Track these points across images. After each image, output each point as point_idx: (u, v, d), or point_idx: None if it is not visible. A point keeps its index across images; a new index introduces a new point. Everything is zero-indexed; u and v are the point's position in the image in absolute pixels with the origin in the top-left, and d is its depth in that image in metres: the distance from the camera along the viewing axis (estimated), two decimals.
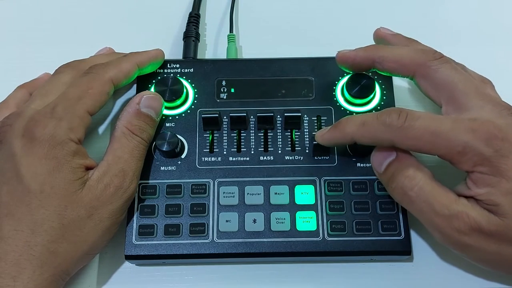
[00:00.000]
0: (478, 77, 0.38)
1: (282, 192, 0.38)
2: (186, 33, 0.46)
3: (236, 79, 0.42)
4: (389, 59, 0.37)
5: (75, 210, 0.33)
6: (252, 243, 0.37)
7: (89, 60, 0.40)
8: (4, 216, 0.33)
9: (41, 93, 0.37)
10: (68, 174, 0.34)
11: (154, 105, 0.38)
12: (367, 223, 0.37)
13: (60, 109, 0.35)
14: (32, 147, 0.34)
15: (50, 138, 0.34)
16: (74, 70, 0.39)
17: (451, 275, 0.38)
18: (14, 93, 0.41)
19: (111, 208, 0.35)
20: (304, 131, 0.40)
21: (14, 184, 0.33)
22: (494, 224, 0.31)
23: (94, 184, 0.34)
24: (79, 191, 0.34)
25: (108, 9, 0.50)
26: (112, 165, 0.35)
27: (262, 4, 0.50)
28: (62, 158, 0.34)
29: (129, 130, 0.37)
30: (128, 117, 0.37)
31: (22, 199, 0.33)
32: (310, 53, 0.43)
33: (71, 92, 0.36)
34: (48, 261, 0.32)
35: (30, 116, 0.35)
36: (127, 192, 0.36)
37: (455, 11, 0.50)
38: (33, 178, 0.33)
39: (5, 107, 0.39)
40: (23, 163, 0.33)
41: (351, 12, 0.50)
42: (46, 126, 0.34)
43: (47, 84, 0.38)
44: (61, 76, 0.38)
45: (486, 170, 0.31)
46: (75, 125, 0.35)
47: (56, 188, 0.33)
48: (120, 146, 0.36)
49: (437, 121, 0.32)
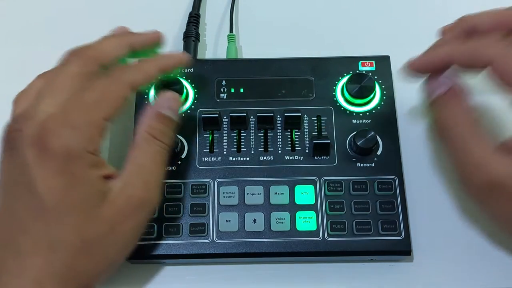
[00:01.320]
0: None
1: (282, 192, 0.38)
2: (186, 33, 0.46)
3: (236, 79, 0.42)
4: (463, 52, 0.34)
5: (95, 226, 0.31)
6: (252, 243, 0.37)
7: (96, 46, 0.36)
8: (20, 232, 0.30)
9: (50, 89, 0.33)
10: (86, 189, 0.31)
11: (174, 106, 0.36)
12: (367, 223, 0.37)
13: (75, 116, 0.32)
14: (46, 159, 0.30)
15: (65, 151, 0.31)
16: (81, 59, 0.35)
17: (451, 275, 0.38)
18: (35, 82, 0.37)
19: (133, 223, 0.33)
20: (304, 131, 0.40)
21: (29, 199, 0.31)
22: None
23: (116, 196, 0.32)
24: (99, 205, 0.31)
25: (108, 9, 0.50)
26: (135, 175, 0.33)
27: (262, 4, 0.50)
28: (79, 172, 0.31)
29: (150, 134, 0.34)
30: (148, 120, 0.35)
31: (39, 215, 0.30)
32: (310, 53, 0.43)
33: (86, 96, 0.33)
34: (69, 277, 0.31)
35: (41, 121, 0.31)
36: (151, 205, 0.34)
37: (453, 11, 0.50)
38: (48, 193, 0.30)
39: (25, 97, 0.36)
40: (38, 176, 0.30)
41: (351, 12, 0.50)
42: (60, 136, 0.31)
43: (54, 77, 0.34)
44: (69, 68, 0.34)
45: None
46: (91, 134, 0.32)
47: (73, 204, 0.31)
48: (141, 153, 0.34)
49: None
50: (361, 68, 0.41)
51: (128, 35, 0.38)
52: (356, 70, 0.41)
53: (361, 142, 0.38)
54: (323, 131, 0.40)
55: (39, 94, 0.33)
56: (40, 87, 0.34)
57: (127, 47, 0.37)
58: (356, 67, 0.41)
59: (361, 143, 0.38)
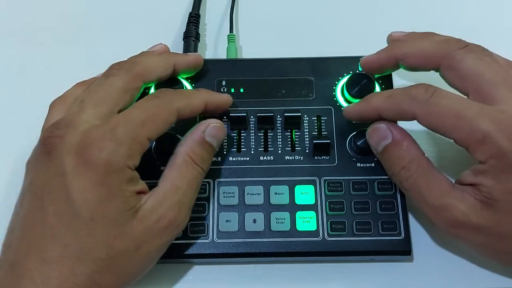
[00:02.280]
0: (506, 63, 0.35)
1: (282, 192, 0.38)
2: (186, 33, 0.46)
3: (236, 79, 0.42)
4: (412, 54, 0.36)
5: (124, 242, 0.31)
6: (252, 243, 0.36)
7: (142, 63, 0.36)
8: (49, 238, 0.30)
9: (93, 100, 0.33)
10: (120, 204, 0.31)
11: (219, 135, 0.36)
12: (367, 223, 0.37)
13: (121, 132, 0.32)
14: (85, 169, 0.31)
15: (106, 164, 0.31)
16: (127, 74, 0.35)
17: (451, 275, 0.38)
18: (73, 90, 0.38)
19: (160, 242, 0.33)
20: (304, 131, 0.40)
21: (62, 206, 0.30)
22: (484, 218, 0.31)
23: (147, 214, 0.32)
24: (130, 221, 0.31)
25: (108, 9, 0.50)
26: (169, 195, 0.33)
27: (262, 4, 0.50)
28: (116, 186, 0.31)
29: (191, 158, 0.34)
30: (192, 144, 0.35)
31: (71, 225, 0.30)
32: (310, 53, 0.43)
33: (135, 115, 0.33)
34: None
35: (84, 131, 0.31)
36: (179, 227, 0.34)
37: (454, 11, 0.50)
38: (84, 204, 0.30)
39: (63, 103, 0.36)
40: (74, 185, 0.30)
41: (351, 12, 0.50)
42: (103, 149, 0.31)
43: (98, 89, 0.34)
44: (114, 81, 0.34)
45: (499, 165, 0.31)
46: (133, 151, 0.32)
47: (107, 217, 0.31)
48: (180, 175, 0.34)
49: (463, 104, 0.32)
50: (361, 68, 0.41)
51: (172, 55, 0.39)
52: (356, 70, 0.41)
53: (361, 142, 0.38)
54: (323, 131, 0.40)
55: (81, 103, 0.33)
56: (82, 96, 0.34)
57: (170, 68, 0.38)
58: (356, 67, 0.41)
59: (361, 143, 0.38)
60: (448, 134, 0.32)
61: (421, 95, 0.33)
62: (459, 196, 0.32)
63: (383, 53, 0.38)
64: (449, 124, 0.32)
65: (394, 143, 0.35)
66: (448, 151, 0.41)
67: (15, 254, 0.31)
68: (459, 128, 0.32)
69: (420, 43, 0.36)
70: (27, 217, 0.31)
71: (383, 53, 0.38)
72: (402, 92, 0.34)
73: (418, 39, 0.37)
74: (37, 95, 0.45)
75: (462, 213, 0.32)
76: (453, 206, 0.32)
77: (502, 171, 0.31)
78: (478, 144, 0.31)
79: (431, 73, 0.37)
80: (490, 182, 0.31)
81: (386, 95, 0.35)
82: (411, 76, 0.41)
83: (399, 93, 0.34)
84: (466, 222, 0.32)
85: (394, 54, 0.37)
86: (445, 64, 0.35)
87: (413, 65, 0.37)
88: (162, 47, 0.40)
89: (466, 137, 0.32)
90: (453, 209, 0.32)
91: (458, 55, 0.34)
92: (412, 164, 0.34)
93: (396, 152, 0.34)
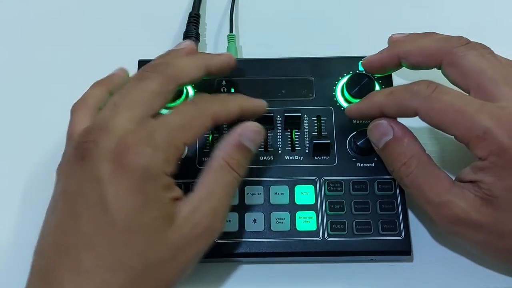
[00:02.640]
0: (507, 62, 0.35)
1: (282, 192, 0.38)
2: (186, 33, 0.46)
3: (236, 79, 0.42)
4: (414, 52, 0.36)
5: (159, 251, 0.30)
6: (252, 243, 0.36)
7: (175, 65, 0.35)
8: (83, 247, 0.29)
9: (127, 103, 0.32)
10: (157, 211, 0.30)
11: (257, 139, 0.35)
12: (367, 223, 0.37)
13: (159, 137, 0.31)
14: (121, 175, 0.30)
15: (144, 170, 0.30)
16: (161, 77, 0.34)
17: (451, 275, 0.38)
18: (92, 91, 0.37)
19: (195, 251, 0.32)
20: (304, 131, 0.40)
21: (97, 213, 0.29)
22: (484, 215, 0.31)
23: (183, 222, 0.31)
24: (166, 229, 0.30)
25: (108, 9, 0.50)
26: (204, 201, 0.32)
27: (262, 4, 0.50)
28: (153, 193, 0.30)
29: (228, 163, 0.33)
30: (229, 149, 0.34)
31: (106, 233, 0.29)
32: (310, 53, 0.43)
33: (173, 120, 0.32)
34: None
35: (120, 136, 0.30)
36: (214, 234, 0.33)
37: (454, 11, 0.50)
38: (120, 211, 0.29)
39: (84, 105, 0.36)
40: (110, 192, 0.29)
41: (352, 12, 0.50)
42: (140, 154, 0.30)
43: (132, 92, 0.33)
44: (148, 84, 0.33)
45: (500, 161, 0.31)
46: (171, 156, 0.31)
47: (143, 225, 0.30)
48: (215, 180, 0.33)
49: (464, 100, 0.32)
50: (361, 68, 0.41)
51: (204, 56, 0.38)
52: (356, 70, 0.41)
53: (361, 142, 0.38)
54: (323, 131, 0.40)
55: (114, 106, 0.32)
56: (115, 99, 0.33)
57: (204, 70, 0.36)
58: (356, 67, 0.41)
59: (361, 143, 0.38)
60: (449, 130, 0.32)
61: (423, 90, 0.33)
62: (459, 193, 0.32)
63: (385, 52, 0.38)
64: (450, 119, 0.32)
65: (395, 139, 0.35)
66: (449, 148, 0.41)
67: (47, 262, 0.30)
68: (460, 124, 0.32)
69: (422, 41, 0.37)
70: (60, 224, 0.30)
71: (385, 53, 0.38)
72: (403, 88, 0.34)
73: (420, 38, 0.37)
74: (37, 95, 0.46)
75: (462, 210, 0.32)
76: (453, 203, 0.32)
77: (503, 168, 0.31)
78: (478, 140, 0.31)
79: (431, 73, 0.37)
80: (490, 179, 0.31)
81: (388, 92, 0.35)
82: (410, 76, 0.41)
83: (400, 90, 0.35)
84: (466, 219, 0.32)
85: (397, 53, 0.37)
86: (447, 60, 0.35)
87: (415, 62, 0.37)
88: (188, 44, 0.38)
89: (467, 133, 0.32)
90: (453, 206, 0.32)
91: (460, 51, 0.34)
92: (413, 160, 0.34)
93: (397, 148, 0.35)
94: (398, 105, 0.34)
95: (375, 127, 0.36)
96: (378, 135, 0.35)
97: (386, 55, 0.38)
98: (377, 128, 0.36)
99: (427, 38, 0.37)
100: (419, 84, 0.33)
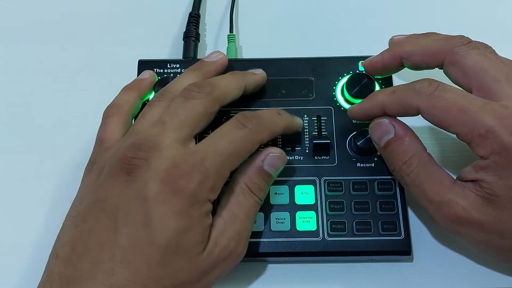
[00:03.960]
0: (508, 61, 0.35)
1: (282, 192, 0.38)
2: (186, 33, 0.46)
3: None
4: (416, 52, 0.36)
5: (189, 273, 0.31)
6: (252, 243, 0.36)
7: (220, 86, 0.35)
8: (119, 262, 0.29)
9: (175, 123, 0.33)
10: (196, 236, 0.31)
11: (278, 165, 0.35)
12: (367, 223, 0.37)
13: (209, 165, 0.31)
14: (170, 197, 0.30)
15: (192, 195, 0.30)
16: (208, 98, 0.34)
17: (451, 275, 0.38)
18: (124, 96, 0.38)
19: (219, 273, 0.32)
20: (304, 131, 0.40)
21: (138, 231, 0.30)
22: (485, 214, 0.31)
23: (212, 247, 0.31)
24: (200, 254, 0.31)
25: (108, 9, 0.50)
26: (229, 225, 0.33)
27: (262, 4, 0.50)
28: (196, 217, 0.31)
29: (248, 187, 0.34)
30: (250, 173, 0.34)
31: (144, 250, 0.29)
32: (310, 53, 0.43)
33: (223, 148, 0.32)
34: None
35: (172, 158, 0.31)
36: (239, 257, 0.33)
37: (454, 12, 0.50)
38: (162, 231, 0.29)
39: (118, 112, 0.37)
40: (156, 212, 0.30)
41: (351, 12, 0.50)
42: (191, 179, 0.30)
43: (180, 111, 0.34)
44: (195, 105, 0.34)
45: (502, 160, 0.31)
46: (217, 185, 0.32)
47: (181, 248, 0.30)
48: (237, 203, 0.33)
49: (467, 99, 0.32)
50: (361, 68, 0.41)
51: (243, 76, 0.38)
52: (356, 70, 0.41)
53: (361, 142, 0.38)
54: (323, 131, 0.40)
55: (162, 125, 0.33)
56: (163, 118, 0.34)
57: (243, 89, 0.37)
58: (356, 67, 0.41)
59: (361, 143, 0.38)
60: (451, 128, 0.32)
61: (425, 89, 0.33)
62: (460, 192, 0.32)
63: (386, 53, 0.38)
64: (452, 118, 0.32)
65: (396, 137, 0.35)
66: (450, 147, 0.41)
67: (76, 271, 0.29)
68: (462, 122, 0.32)
69: (423, 41, 0.37)
70: (95, 234, 0.30)
71: (386, 54, 0.38)
72: (406, 87, 0.34)
73: (421, 38, 0.37)
74: (37, 95, 0.46)
75: (463, 209, 0.32)
76: (454, 202, 0.32)
77: (504, 167, 0.31)
78: (480, 138, 0.31)
79: (432, 73, 0.37)
80: (492, 178, 0.31)
81: (390, 90, 0.35)
82: (410, 77, 0.41)
83: (402, 88, 0.35)
84: (467, 218, 0.32)
85: (398, 53, 0.37)
86: (449, 60, 0.35)
87: (417, 63, 0.37)
88: (222, 58, 0.40)
89: (469, 132, 0.31)
90: (454, 205, 0.32)
91: (462, 51, 0.34)
92: (414, 159, 0.34)
93: (398, 147, 0.34)
94: (400, 104, 0.34)
95: (377, 126, 0.36)
96: (380, 134, 0.35)
97: (387, 56, 0.38)
98: (379, 126, 0.36)
99: (429, 38, 0.37)
100: (422, 83, 0.33)
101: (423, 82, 0.33)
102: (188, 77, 0.38)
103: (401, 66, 0.38)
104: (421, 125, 0.36)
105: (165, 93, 0.37)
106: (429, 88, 0.33)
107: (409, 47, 0.37)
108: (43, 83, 0.46)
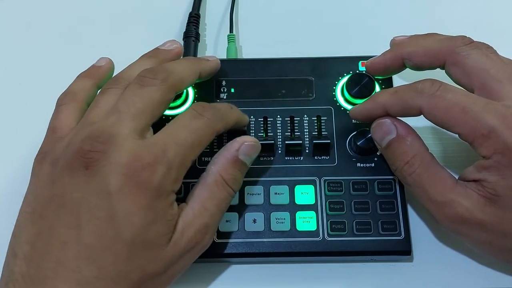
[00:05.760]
0: (510, 61, 0.35)
1: (282, 192, 0.38)
2: (186, 33, 0.46)
3: (236, 79, 0.42)
4: (417, 52, 0.36)
5: (156, 265, 0.30)
6: (252, 243, 0.36)
7: (174, 72, 0.34)
8: (85, 259, 0.28)
9: (131, 112, 0.32)
10: (162, 228, 0.30)
11: (252, 154, 0.35)
12: (367, 223, 0.37)
13: (172, 156, 0.31)
14: (134, 192, 0.29)
15: (157, 188, 0.30)
16: (164, 85, 0.33)
17: (451, 275, 0.38)
18: (79, 83, 0.36)
19: (184, 264, 0.32)
20: (304, 131, 0.40)
21: (103, 227, 0.29)
22: (488, 214, 0.31)
23: (179, 238, 0.31)
24: (165, 245, 0.31)
25: (108, 9, 0.50)
26: (198, 217, 0.32)
27: (262, 4, 0.50)
28: (161, 210, 0.30)
29: (223, 179, 0.33)
30: (225, 163, 0.34)
31: (110, 246, 0.29)
32: (310, 53, 0.43)
33: (184, 137, 0.32)
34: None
35: (132, 150, 0.30)
36: (203, 248, 0.33)
37: (455, 12, 0.50)
38: (128, 227, 0.29)
39: (73, 99, 0.35)
40: (121, 207, 0.29)
41: (352, 11, 0.50)
42: (155, 172, 0.30)
43: (136, 99, 0.32)
44: (152, 92, 0.32)
45: (504, 160, 0.31)
46: (180, 175, 0.32)
47: (147, 241, 0.30)
48: (210, 196, 0.33)
49: (469, 99, 0.32)
50: (361, 68, 0.41)
51: (198, 62, 0.38)
52: (356, 70, 0.41)
53: (361, 142, 0.38)
54: (323, 131, 0.40)
55: (117, 113, 0.32)
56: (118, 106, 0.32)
57: (197, 75, 0.37)
58: (356, 67, 0.41)
59: (361, 143, 0.38)
60: (453, 129, 0.32)
61: (427, 89, 0.33)
62: (462, 192, 0.32)
63: (388, 54, 0.38)
64: (454, 118, 0.32)
65: (398, 138, 0.35)
66: (452, 147, 0.41)
67: (40, 270, 0.29)
68: (465, 122, 0.32)
69: (425, 42, 0.37)
70: (56, 232, 0.29)
71: (388, 54, 0.38)
72: (408, 87, 0.34)
73: (422, 39, 0.37)
74: (37, 95, 0.46)
75: (466, 209, 0.32)
76: (457, 202, 0.32)
77: (507, 167, 0.31)
78: (483, 139, 0.31)
79: (433, 73, 0.37)
80: (494, 178, 0.31)
81: (392, 91, 0.35)
82: (410, 77, 0.41)
83: (405, 88, 0.35)
84: (469, 219, 0.32)
85: (400, 54, 0.37)
86: (451, 60, 0.35)
87: (419, 63, 0.36)
88: (177, 47, 0.39)
89: (471, 132, 0.31)
90: (456, 205, 0.32)
91: (464, 51, 0.34)
92: (416, 159, 0.34)
93: (400, 147, 0.34)
94: (402, 104, 0.34)
95: (378, 126, 0.36)
96: (381, 134, 0.35)
97: (389, 57, 0.38)
98: (380, 126, 0.36)
99: (430, 38, 0.37)
100: (424, 83, 0.33)
101: (425, 82, 0.33)
102: (142, 63, 0.37)
103: (403, 66, 0.38)
104: (423, 125, 0.36)
105: (118, 79, 0.35)
106: (431, 88, 0.33)
107: (411, 47, 0.37)
108: (42, 83, 0.46)
